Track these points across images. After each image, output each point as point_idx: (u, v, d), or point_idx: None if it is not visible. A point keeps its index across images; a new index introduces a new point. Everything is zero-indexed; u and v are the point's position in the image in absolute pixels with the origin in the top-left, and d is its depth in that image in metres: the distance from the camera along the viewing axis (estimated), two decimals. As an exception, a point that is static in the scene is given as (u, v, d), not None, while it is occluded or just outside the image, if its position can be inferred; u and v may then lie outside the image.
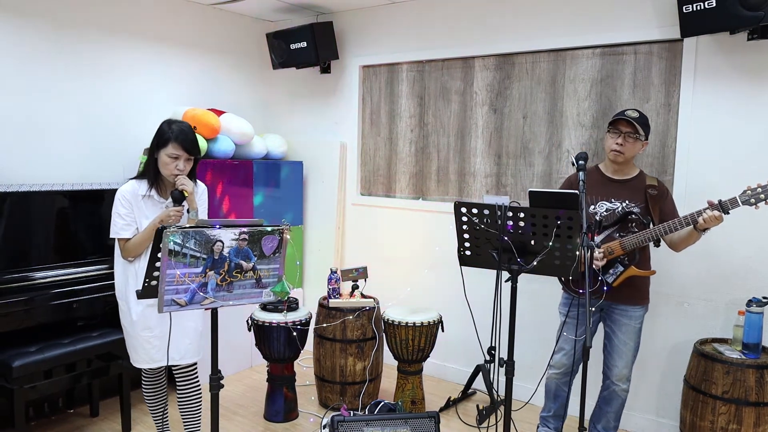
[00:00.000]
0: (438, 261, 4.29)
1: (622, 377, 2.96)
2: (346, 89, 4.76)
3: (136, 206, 2.72)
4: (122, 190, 2.74)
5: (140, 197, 2.72)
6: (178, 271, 2.04)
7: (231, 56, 4.88)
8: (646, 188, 2.92)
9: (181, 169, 2.68)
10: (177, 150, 2.67)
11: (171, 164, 2.68)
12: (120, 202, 2.72)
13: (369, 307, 3.67)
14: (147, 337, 2.76)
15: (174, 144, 2.66)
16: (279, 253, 2.29)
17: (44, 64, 3.74)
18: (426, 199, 4.41)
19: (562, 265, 2.40)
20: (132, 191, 2.73)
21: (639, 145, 2.90)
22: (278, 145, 4.76)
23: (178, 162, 2.67)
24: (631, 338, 2.95)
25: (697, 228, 2.71)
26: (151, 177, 2.74)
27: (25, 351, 3.05)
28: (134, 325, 2.76)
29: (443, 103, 4.27)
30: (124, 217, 2.71)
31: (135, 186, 2.75)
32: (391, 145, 4.57)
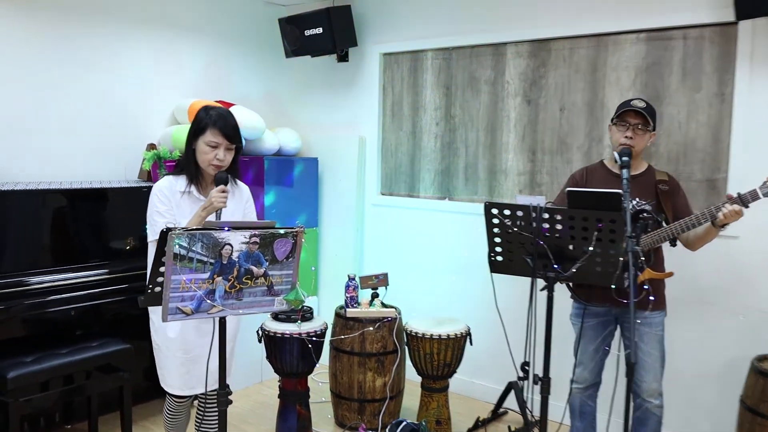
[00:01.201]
0: (466, 267, 4.27)
1: (653, 392, 2.92)
2: (366, 79, 4.76)
3: (175, 204, 2.66)
4: (159, 186, 2.67)
5: (178, 194, 2.66)
6: (183, 277, 2.06)
7: (240, 44, 4.92)
8: (656, 183, 2.90)
9: (221, 158, 2.62)
10: (216, 137, 2.61)
11: (210, 153, 2.61)
12: (158, 198, 2.65)
13: (390, 317, 3.66)
14: (183, 359, 2.70)
15: (213, 130, 2.61)
16: (292, 257, 2.30)
17: (41, 53, 3.81)
18: (453, 200, 4.39)
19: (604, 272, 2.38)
20: (169, 187, 2.66)
21: (648, 137, 2.88)
22: (291, 140, 4.79)
23: (218, 151, 2.61)
24: (656, 347, 2.92)
25: (716, 224, 2.70)
26: (191, 170, 2.68)
27: (21, 361, 3.10)
28: (170, 343, 2.70)
29: (472, 94, 4.26)
30: (165, 215, 2.63)
31: (172, 181, 2.68)
32: (414, 140, 4.57)
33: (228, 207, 2.74)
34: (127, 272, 3.63)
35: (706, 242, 2.85)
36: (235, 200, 2.83)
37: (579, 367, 3.06)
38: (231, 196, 2.79)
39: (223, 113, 2.66)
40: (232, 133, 2.64)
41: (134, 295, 3.57)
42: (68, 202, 3.61)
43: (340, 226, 4.87)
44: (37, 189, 3.47)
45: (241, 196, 2.88)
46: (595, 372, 3.08)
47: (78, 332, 3.55)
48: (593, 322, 3.03)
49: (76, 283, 3.47)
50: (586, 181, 3.03)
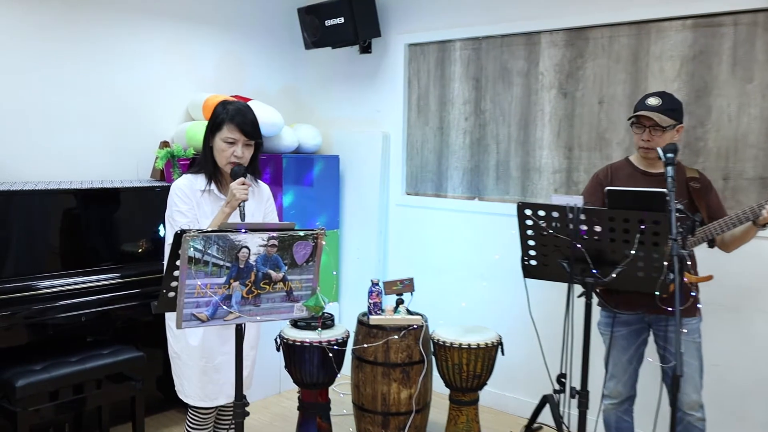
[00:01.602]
0: (497, 272, 4.25)
1: (693, 405, 2.89)
2: (390, 72, 4.77)
3: (196, 203, 2.68)
4: (178, 185, 2.69)
5: (199, 192, 2.68)
6: (198, 282, 2.08)
7: (258, 35, 4.96)
8: (687, 181, 2.87)
9: (239, 155, 2.63)
10: (233, 133, 2.62)
11: (227, 150, 2.63)
12: (178, 197, 2.66)
13: (416, 325, 3.66)
14: (204, 368, 2.72)
15: (229, 126, 2.62)
16: (313, 261, 2.31)
17: (50, 46, 3.87)
18: (483, 200, 4.38)
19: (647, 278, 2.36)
20: (189, 185, 2.69)
21: (670, 135, 2.86)
22: (311, 136, 4.81)
23: (236, 147, 2.63)
24: (694, 356, 2.89)
25: (758, 223, 2.68)
26: (210, 168, 2.70)
27: (29, 369, 3.16)
28: (190, 351, 2.71)
29: (503, 87, 4.24)
30: (187, 214, 2.64)
31: (191, 180, 2.71)
32: (441, 136, 4.56)
33: (248, 207, 2.76)
34: (139, 276, 3.67)
35: (744, 243, 2.83)
36: (256, 200, 2.84)
37: (611, 380, 3.04)
38: (251, 194, 2.81)
39: (241, 108, 2.67)
40: (250, 128, 2.65)
41: (147, 301, 3.60)
42: (78, 203, 3.66)
43: (363, 227, 4.88)
44: (46, 189, 3.52)
45: (261, 196, 2.89)
46: (629, 385, 3.05)
47: (88, 339, 3.60)
48: (624, 331, 3.01)
49: (87, 287, 3.51)
50: (611, 180, 3.02)
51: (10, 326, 3.20)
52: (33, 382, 3.09)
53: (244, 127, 2.64)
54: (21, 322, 3.24)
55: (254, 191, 2.83)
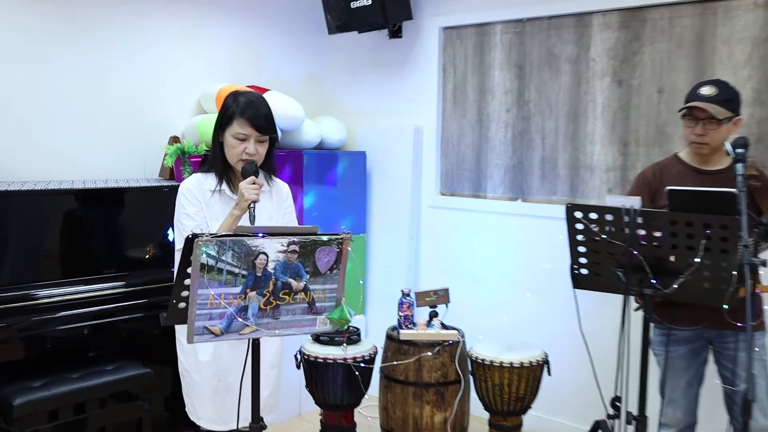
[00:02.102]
0: (543, 282, 4.22)
1: (763, 430, 2.84)
2: (423, 58, 4.77)
3: (205, 204, 2.70)
4: (186, 185, 2.72)
5: (208, 193, 2.71)
6: (212, 291, 2.09)
7: (276, 20, 4.98)
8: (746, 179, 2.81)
9: (251, 152, 2.65)
10: (244, 128, 2.64)
11: (238, 147, 2.65)
12: (186, 198, 2.69)
13: (452, 340, 3.65)
14: (217, 387, 2.73)
15: (240, 120, 2.64)
16: (337, 269, 2.31)
17: (48, 34, 3.92)
18: (527, 201, 4.36)
19: (714, 289, 2.33)
20: (198, 185, 2.71)
21: (727, 128, 2.83)
22: (335, 130, 4.82)
23: (247, 144, 2.65)
24: (762, 375, 2.85)
25: None
26: (219, 167, 2.72)
27: (27, 387, 3.20)
28: (201, 368, 2.73)
29: (550, 75, 4.21)
30: (195, 217, 2.67)
31: (201, 179, 2.73)
32: (480, 129, 4.54)
33: (264, 208, 2.77)
34: (146, 285, 3.70)
35: None
36: (273, 200, 2.86)
37: (669, 406, 2.99)
38: (269, 196, 2.82)
39: (254, 99, 2.69)
40: (263, 123, 2.66)
41: (155, 312, 3.64)
42: (79, 204, 3.70)
43: (392, 231, 4.88)
44: (45, 189, 3.55)
45: (280, 196, 2.90)
46: (689, 411, 3.01)
47: (91, 354, 3.64)
48: (682, 350, 2.97)
49: (89, 297, 3.55)
50: (660, 179, 2.99)
51: (6, 339, 3.25)
52: (31, 400, 3.13)
53: (257, 121, 2.64)
54: (18, 335, 3.29)
55: (270, 192, 2.85)
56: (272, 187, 2.86)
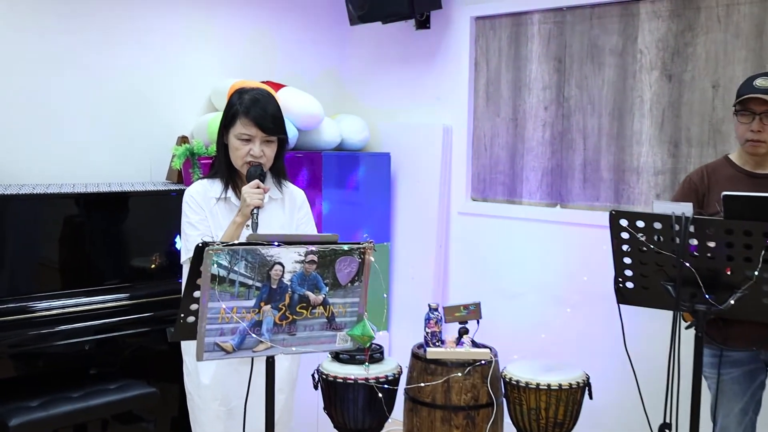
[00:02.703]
0: (584, 296, 4.20)
1: None
2: (452, 51, 4.77)
3: (210, 212, 2.74)
4: (190, 192, 2.76)
5: (213, 200, 2.75)
6: (223, 305, 2.11)
7: (293, 9, 5.01)
8: None
9: (256, 154, 2.66)
10: (248, 128, 2.66)
11: (242, 148, 2.67)
12: (189, 206, 2.73)
13: (484, 360, 3.64)
14: (218, 412, 2.75)
15: (244, 119, 2.66)
16: (359, 281, 2.32)
17: (47, 26, 3.97)
18: (566, 207, 4.34)
19: (774, 305, 2.30)
20: (202, 192, 2.75)
21: None
22: (357, 130, 4.84)
23: (252, 145, 2.67)
24: None
25: None
26: (224, 172, 2.75)
27: (25, 406, 3.24)
28: (203, 391, 2.76)
29: (592, 69, 4.20)
30: (198, 226, 2.71)
31: (206, 186, 2.77)
32: (515, 128, 4.54)
33: (275, 217, 2.79)
34: (152, 297, 3.74)
35: None
36: (286, 208, 2.87)
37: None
38: (280, 204, 2.84)
39: (259, 97, 2.70)
40: (269, 123, 2.67)
41: (162, 327, 3.67)
42: (80, 210, 3.74)
43: (419, 240, 4.88)
44: (44, 193, 3.59)
45: (293, 203, 2.92)
46: None
47: (92, 371, 3.67)
48: (736, 373, 2.95)
49: (91, 310, 3.59)
50: (708, 184, 2.98)
51: (1, 355, 3.29)
52: (28, 421, 3.16)
53: (262, 121, 2.66)
54: (14, 351, 3.33)
55: (283, 199, 2.87)
56: (285, 193, 2.88)
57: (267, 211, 2.75)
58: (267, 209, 2.76)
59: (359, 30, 5.13)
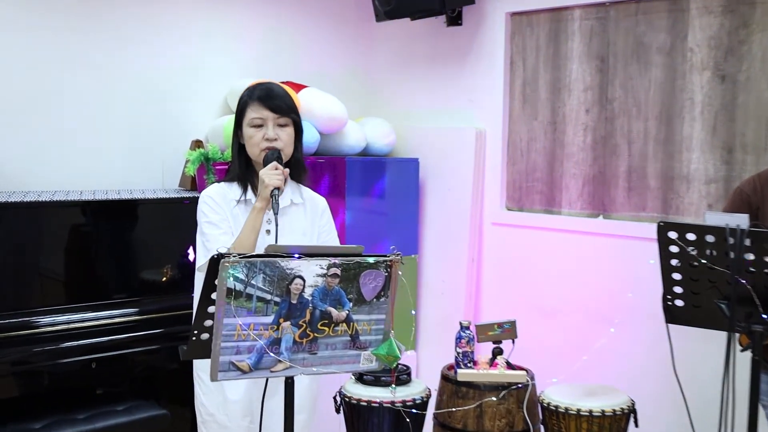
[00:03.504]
0: (630, 315, 4.17)
1: None
2: (486, 49, 4.77)
3: (230, 215, 2.78)
4: (207, 193, 2.81)
5: (233, 202, 2.79)
6: (239, 321, 2.11)
7: (315, 5, 5.04)
8: None
9: (270, 137, 2.73)
10: (259, 111, 2.74)
11: (256, 135, 2.74)
12: (208, 206, 2.77)
13: (519, 383, 3.62)
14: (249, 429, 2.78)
15: (253, 105, 2.75)
16: (385, 296, 2.31)
17: (59, 27, 4.03)
18: (609, 217, 4.32)
19: (839, 326, 2.27)
20: (221, 193, 2.80)
21: None
22: (383, 134, 4.85)
23: (266, 130, 2.74)
24: None
25: None
26: (240, 172, 2.82)
27: (27, 428, 3.27)
28: (230, 407, 2.78)
29: (638, 68, 4.18)
30: (220, 225, 2.74)
31: (224, 188, 2.83)
32: (554, 133, 4.53)
33: (296, 221, 2.82)
34: (163, 312, 3.77)
35: None
36: (307, 214, 2.90)
37: None
38: (302, 208, 2.87)
39: (265, 84, 2.81)
40: (278, 103, 2.75)
41: (173, 344, 3.67)
42: (88, 219, 3.78)
43: (449, 253, 4.87)
44: (49, 201, 3.63)
45: (315, 210, 2.94)
46: None
47: (99, 392, 3.70)
48: None
49: (97, 326, 3.62)
50: (763, 194, 2.95)
51: (2, 374, 3.32)
52: (31, 444, 3.20)
53: (270, 101, 2.74)
54: (16, 369, 3.36)
55: (304, 204, 2.90)
56: (306, 198, 2.91)
57: (288, 216, 2.81)
58: (289, 213, 2.81)
59: (386, 27, 5.14)
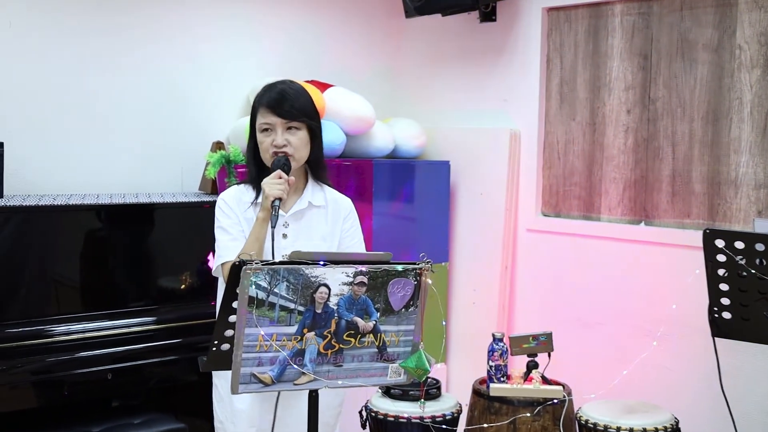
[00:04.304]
0: (673, 327, 4.14)
1: None
2: (521, 46, 4.76)
3: (244, 217, 2.81)
4: (224, 196, 2.86)
5: (246, 204, 2.82)
6: (261, 331, 2.12)
7: (342, 1, 5.05)
8: None
9: (278, 144, 2.73)
10: (266, 117, 2.75)
11: (265, 141, 2.76)
12: (220, 210, 2.83)
13: (555, 399, 3.61)
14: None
15: (261, 110, 2.77)
16: (414, 306, 2.31)
17: (75, 27, 4.06)
18: (652, 224, 4.29)
19: None
20: (236, 197, 2.85)
21: None
22: (412, 135, 4.85)
23: (274, 135, 2.74)
24: None
25: None
26: (253, 176, 2.84)
27: (40, 443, 3.30)
28: (237, 417, 2.80)
29: (683, 66, 4.16)
30: (230, 230, 2.79)
31: (241, 190, 2.87)
32: (593, 134, 4.51)
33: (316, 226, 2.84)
34: (182, 321, 3.78)
35: None
36: (329, 218, 2.91)
37: None
38: (323, 212, 2.87)
39: (277, 84, 2.81)
40: (287, 108, 2.73)
41: (192, 354, 3.68)
42: (104, 223, 3.81)
43: (481, 261, 4.86)
44: (65, 205, 3.66)
45: (338, 211, 2.94)
46: None
47: (114, 404, 3.72)
48: None
49: (113, 335, 3.63)
50: None
51: (15, 384, 3.34)
52: (45, 460, 3.23)
53: (278, 107, 2.73)
54: (29, 379, 3.38)
55: (326, 206, 2.90)
56: (328, 201, 2.92)
57: (306, 219, 2.83)
58: (306, 217, 2.83)
59: (416, 23, 5.14)
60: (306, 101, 2.82)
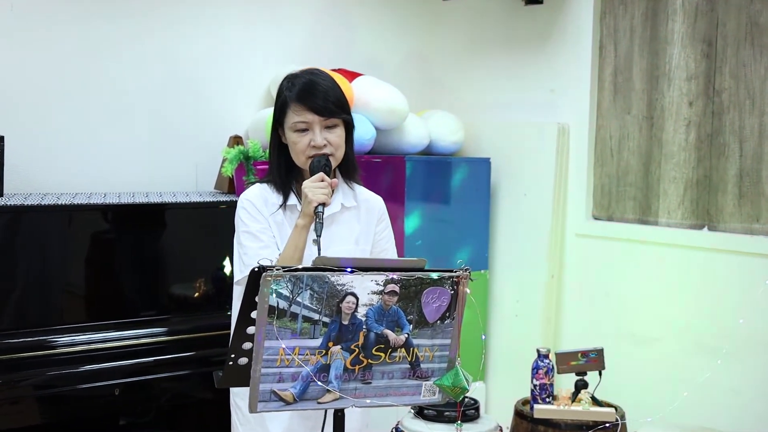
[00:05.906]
0: (740, 344, 4.11)
1: None
2: (571, 32, 4.75)
3: (274, 222, 2.77)
4: (248, 196, 2.80)
5: (275, 207, 2.78)
6: (283, 344, 2.12)
7: (372, -20, 5.07)
8: None
9: (317, 144, 2.68)
10: (302, 114, 2.69)
11: (300, 141, 2.70)
12: (247, 213, 2.76)
13: (608, 422, 3.59)
14: None
15: (295, 106, 2.70)
16: (451, 318, 2.30)
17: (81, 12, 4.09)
18: (716, 229, 4.27)
19: None
20: (262, 197, 2.79)
21: None
22: (449, 130, 4.85)
23: (312, 135, 2.69)
24: None
25: None
26: (277, 178, 2.79)
27: (42, 464, 3.33)
28: None
29: (752, 54, 4.13)
30: (260, 237, 2.72)
31: (266, 190, 2.81)
32: (651, 129, 4.49)
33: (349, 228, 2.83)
34: (195, 333, 3.79)
35: None
36: (362, 219, 2.89)
37: None
38: (355, 212, 2.86)
39: (307, 76, 2.75)
40: (323, 103, 2.69)
41: (206, 369, 3.70)
42: (112, 225, 3.83)
43: (525, 268, 4.86)
44: (69, 204, 3.67)
45: (371, 213, 2.93)
46: None
47: (122, 422, 3.73)
48: None
49: (121, 347, 3.64)
50: None
51: (15, 399, 3.37)
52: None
53: (314, 102, 2.68)
54: (31, 394, 3.40)
55: (358, 207, 2.89)
56: (360, 201, 2.90)
57: (338, 222, 2.79)
58: (339, 220, 2.80)
59: (453, 6, 5.14)
60: (341, 93, 2.78)
